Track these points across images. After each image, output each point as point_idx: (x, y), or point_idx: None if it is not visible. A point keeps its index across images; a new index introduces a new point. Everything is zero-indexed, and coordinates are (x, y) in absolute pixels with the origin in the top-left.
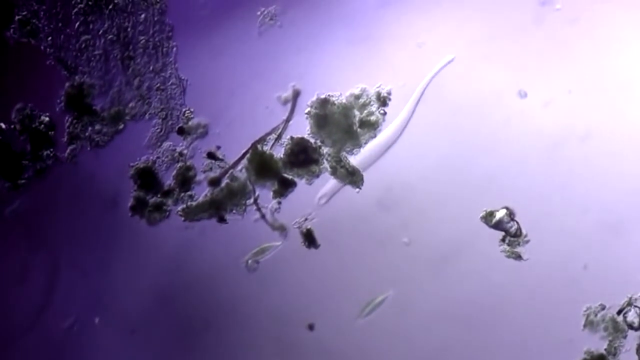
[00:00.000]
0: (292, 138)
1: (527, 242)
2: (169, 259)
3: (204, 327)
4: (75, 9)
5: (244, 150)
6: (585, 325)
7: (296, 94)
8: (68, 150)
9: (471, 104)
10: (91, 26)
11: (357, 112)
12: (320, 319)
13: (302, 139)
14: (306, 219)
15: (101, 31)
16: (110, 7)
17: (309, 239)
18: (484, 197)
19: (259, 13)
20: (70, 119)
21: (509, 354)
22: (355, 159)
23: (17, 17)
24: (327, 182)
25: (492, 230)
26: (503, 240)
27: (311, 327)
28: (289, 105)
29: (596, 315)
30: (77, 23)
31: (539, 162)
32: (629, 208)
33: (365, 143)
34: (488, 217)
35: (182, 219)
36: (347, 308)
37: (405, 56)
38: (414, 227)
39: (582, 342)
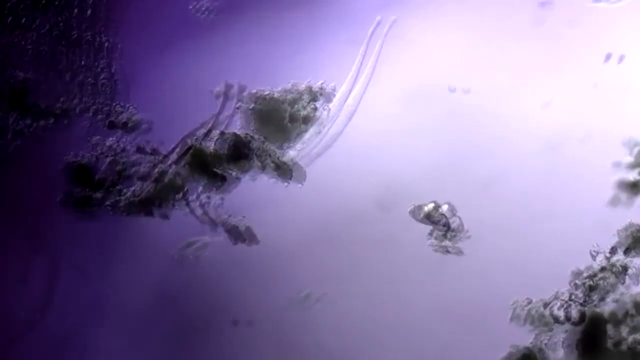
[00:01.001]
0: (222, 133)
1: (454, 236)
2: (169, 259)
3: (204, 327)
4: (8, 3)
5: (173, 145)
6: (511, 319)
7: (228, 88)
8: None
9: (471, 105)
10: (24, 20)
11: (288, 107)
12: (320, 319)
13: (232, 133)
14: (230, 215)
15: (34, 25)
16: (44, 0)
17: (235, 235)
18: (483, 198)
19: (191, 7)
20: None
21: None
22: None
23: None
24: None
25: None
26: (431, 234)
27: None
28: (220, 100)
29: (523, 308)
30: (10, 17)
31: (538, 164)
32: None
33: (296, 138)
34: (417, 211)
35: (111, 213)
36: (344, 307)
37: (405, 57)
38: (413, 228)
39: (508, 336)
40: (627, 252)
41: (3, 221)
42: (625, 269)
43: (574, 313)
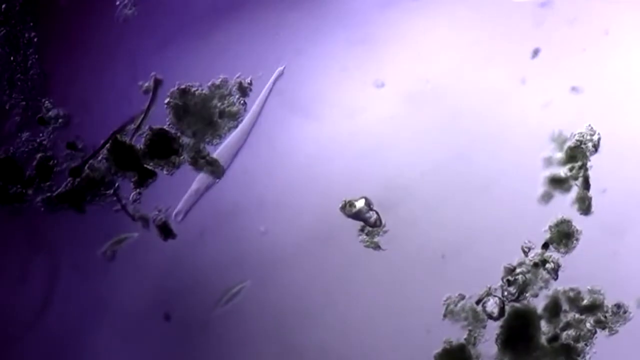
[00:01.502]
0: (151, 128)
1: (386, 232)
2: (168, 259)
3: (203, 327)
4: None
5: (103, 140)
6: (445, 315)
7: (157, 83)
8: None
9: (470, 105)
10: None
11: (217, 103)
12: (318, 320)
13: (162, 129)
14: (160, 211)
15: None
16: None
17: (165, 231)
18: (483, 199)
19: (117, 2)
20: None
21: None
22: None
23: None
24: (182, 198)
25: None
26: (362, 230)
27: (167, 317)
28: (149, 95)
29: (456, 305)
30: None
31: (538, 164)
32: (633, 209)
33: (226, 134)
34: (347, 207)
35: (42, 209)
36: (345, 310)
37: (405, 57)
38: (412, 228)
39: (442, 332)
40: (555, 247)
41: None
42: (557, 265)
43: (503, 309)
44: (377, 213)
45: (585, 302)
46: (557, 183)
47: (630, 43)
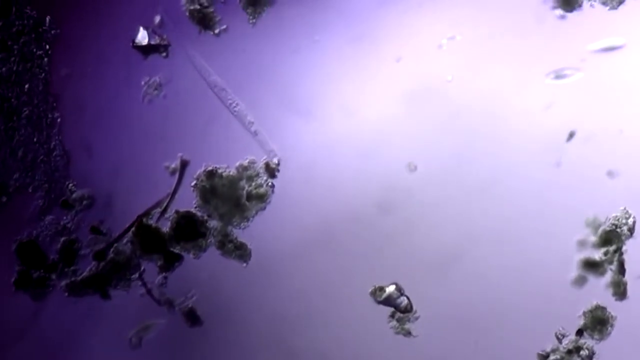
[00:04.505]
0: (177, 212)
1: (417, 318)
2: None
3: (200, 330)
4: None
5: (129, 224)
6: None
7: (184, 165)
8: None
9: (472, 105)
10: None
11: (245, 185)
12: (317, 323)
13: (188, 212)
14: (186, 297)
15: None
16: None
17: (192, 317)
18: (485, 200)
19: (143, 83)
20: None
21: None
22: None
23: None
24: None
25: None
26: (392, 316)
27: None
28: (176, 176)
29: None
30: None
31: (540, 164)
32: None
33: (254, 216)
34: (377, 293)
35: (66, 294)
36: (344, 311)
37: (405, 56)
38: (414, 230)
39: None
40: (590, 334)
41: None
42: (592, 352)
43: None
44: (407, 298)
45: None
46: (592, 267)
47: (634, 41)
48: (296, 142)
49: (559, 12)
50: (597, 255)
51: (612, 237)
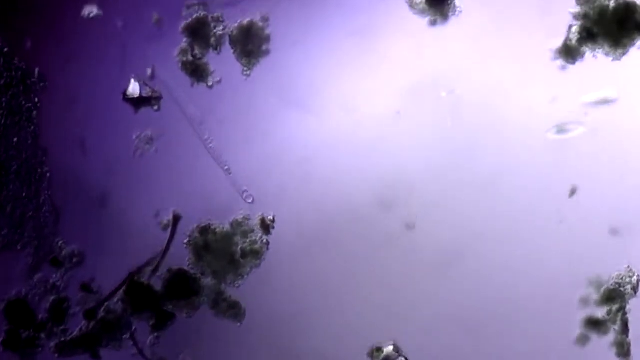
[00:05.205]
0: (170, 269)
1: None
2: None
3: (198, 330)
4: None
5: (120, 282)
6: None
7: (176, 220)
8: None
9: (475, 100)
10: None
11: (239, 241)
12: (315, 323)
13: (181, 269)
14: (178, 358)
15: None
16: None
17: None
18: (487, 197)
19: (134, 137)
20: None
21: None
22: None
23: None
24: None
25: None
26: None
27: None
28: (168, 231)
29: None
30: None
31: (545, 160)
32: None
33: (248, 273)
34: (375, 353)
35: (56, 355)
36: (343, 313)
37: (405, 50)
38: (416, 227)
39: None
40: None
41: None
42: None
43: None
44: (406, 358)
45: None
46: (594, 326)
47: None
48: (293, 138)
49: (560, 62)
50: (601, 314)
51: (615, 296)
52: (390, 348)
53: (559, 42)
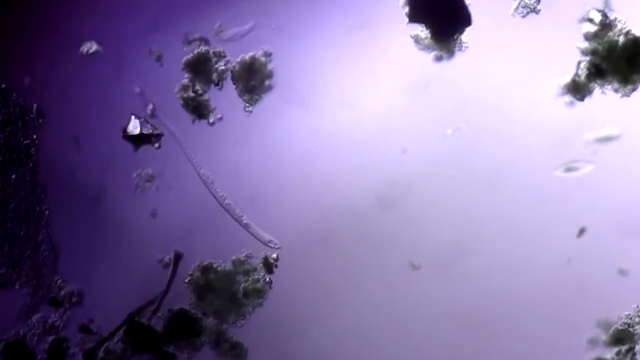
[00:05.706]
0: (171, 309)
1: None
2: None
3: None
4: None
5: (120, 322)
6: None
7: (177, 258)
8: None
9: (476, 97)
10: None
11: (241, 279)
12: (317, 322)
13: (182, 309)
14: None
15: None
16: None
17: None
18: (488, 196)
19: (135, 175)
20: None
21: None
22: None
23: None
24: None
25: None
26: None
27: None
28: (169, 270)
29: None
30: None
31: (548, 158)
32: None
33: (250, 313)
34: None
35: None
36: (342, 313)
37: (405, 45)
38: (416, 226)
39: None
40: None
41: None
42: None
43: None
44: None
45: None
46: None
47: None
48: (292, 135)
49: (568, 98)
50: (609, 355)
51: (624, 337)
52: None
53: (567, 78)
